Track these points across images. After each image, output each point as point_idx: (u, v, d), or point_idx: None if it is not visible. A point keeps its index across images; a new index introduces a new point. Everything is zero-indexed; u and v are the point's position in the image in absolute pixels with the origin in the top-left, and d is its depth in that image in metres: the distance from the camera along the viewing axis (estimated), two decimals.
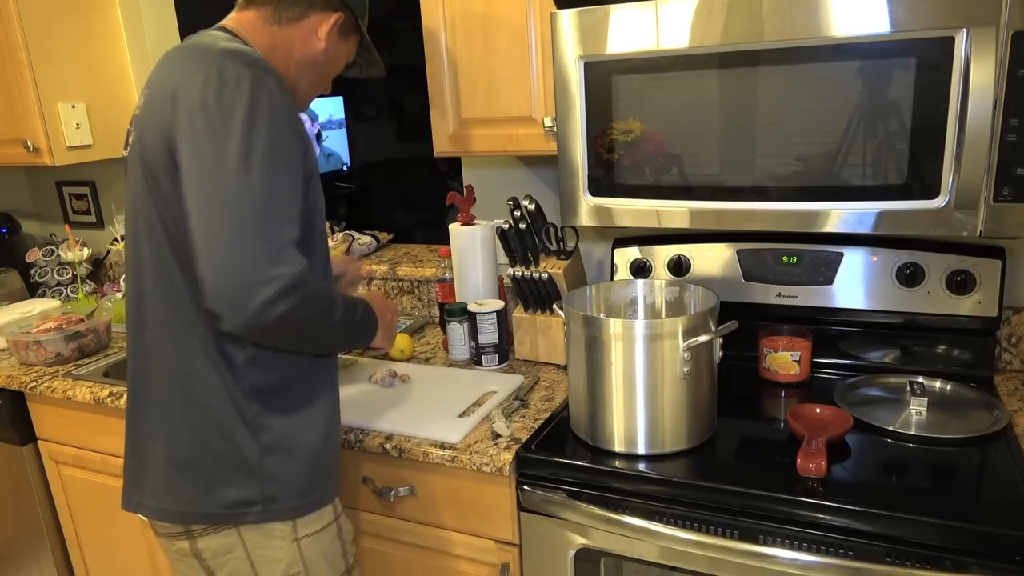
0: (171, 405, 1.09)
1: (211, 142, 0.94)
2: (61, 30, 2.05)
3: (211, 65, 0.97)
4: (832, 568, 1.07)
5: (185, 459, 1.08)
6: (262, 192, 0.94)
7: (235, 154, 0.93)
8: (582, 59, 1.32)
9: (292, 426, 1.10)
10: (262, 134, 0.94)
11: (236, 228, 0.93)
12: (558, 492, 1.27)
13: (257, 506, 1.08)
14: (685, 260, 1.64)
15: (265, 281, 0.92)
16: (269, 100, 0.97)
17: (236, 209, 0.93)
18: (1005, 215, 1.12)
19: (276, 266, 0.94)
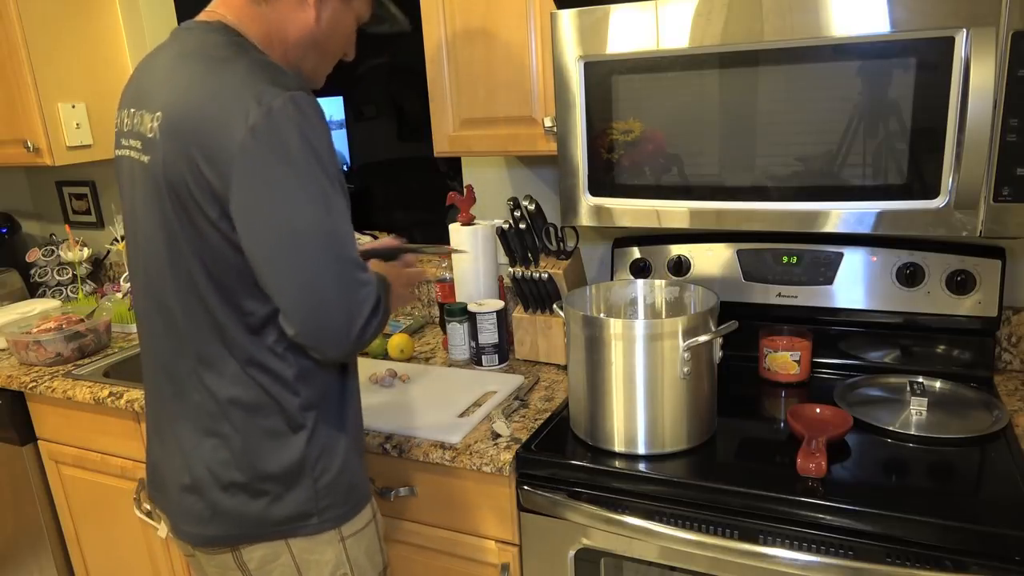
0: (217, 432, 1.05)
1: (273, 187, 0.91)
2: (61, 30, 2.05)
3: (244, 94, 0.91)
4: (832, 568, 1.07)
5: (233, 482, 1.05)
6: (333, 226, 0.94)
7: (301, 196, 0.92)
8: (582, 59, 1.32)
9: (335, 432, 1.09)
10: (316, 164, 0.93)
11: (322, 270, 0.94)
12: (558, 492, 1.27)
13: (313, 518, 1.06)
14: (685, 260, 1.64)
15: (359, 310, 0.96)
16: (314, 122, 0.94)
17: (316, 252, 0.93)
18: (1005, 215, 1.12)
19: (360, 289, 0.97)
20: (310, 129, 0.93)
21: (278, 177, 0.91)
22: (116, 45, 2.22)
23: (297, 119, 0.91)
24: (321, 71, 1.15)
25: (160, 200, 0.99)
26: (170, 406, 1.09)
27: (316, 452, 1.06)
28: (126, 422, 1.74)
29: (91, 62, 2.14)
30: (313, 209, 0.93)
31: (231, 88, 0.92)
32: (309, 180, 0.92)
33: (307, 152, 0.92)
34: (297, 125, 0.91)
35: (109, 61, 2.20)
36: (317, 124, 0.94)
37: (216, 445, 1.05)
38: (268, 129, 0.90)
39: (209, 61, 0.97)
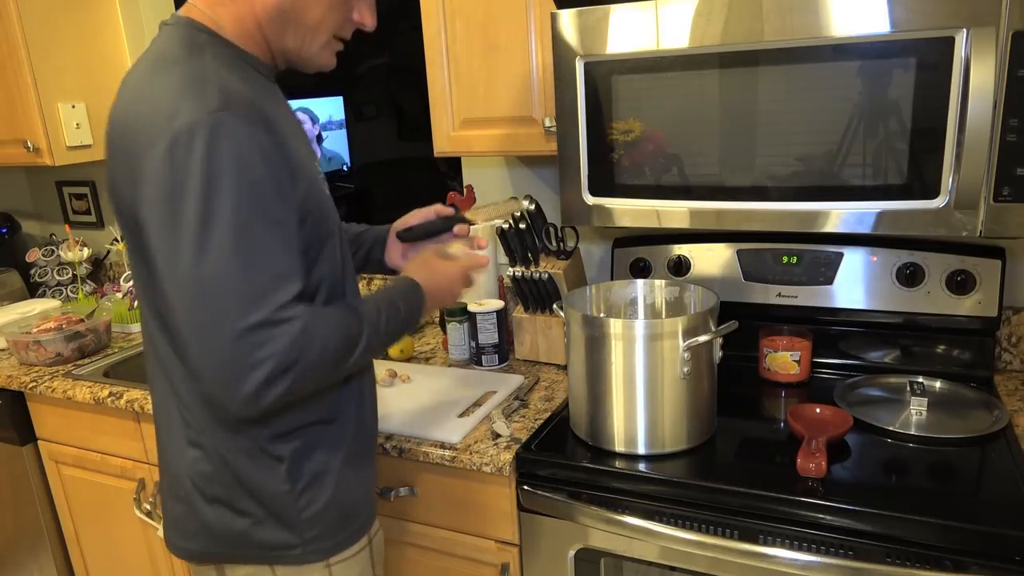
0: (199, 445, 1.02)
1: (171, 230, 0.85)
2: (61, 30, 2.05)
3: (164, 113, 0.85)
4: (832, 568, 1.07)
5: (215, 493, 1.02)
6: (231, 275, 0.84)
7: (194, 244, 0.83)
8: (582, 59, 1.32)
9: (325, 461, 1.04)
10: (225, 201, 0.84)
11: (211, 322, 0.85)
12: (558, 492, 1.27)
13: (296, 549, 1.03)
14: (685, 260, 1.64)
15: (252, 368, 0.85)
16: (230, 150, 0.84)
17: (206, 302, 0.85)
18: (1005, 215, 1.12)
19: (259, 349, 0.85)
20: (218, 159, 0.83)
21: (169, 212, 0.85)
22: (116, 45, 2.22)
23: (209, 145, 0.83)
24: (309, 48, 1.01)
25: (115, 206, 0.97)
26: (163, 413, 1.07)
27: (302, 482, 1.02)
28: (126, 422, 1.74)
29: (91, 62, 2.14)
30: (204, 262, 0.84)
31: (156, 104, 0.87)
32: (197, 220, 0.83)
33: (203, 188, 0.83)
34: (206, 152, 0.83)
35: (109, 61, 2.20)
36: (239, 149, 0.85)
37: (198, 457, 1.02)
38: (171, 159, 0.84)
39: (147, 75, 0.91)
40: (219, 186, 0.84)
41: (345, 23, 1.03)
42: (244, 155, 0.85)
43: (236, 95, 0.88)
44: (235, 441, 1.00)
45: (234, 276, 0.85)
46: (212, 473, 1.02)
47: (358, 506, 1.09)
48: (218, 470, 1.01)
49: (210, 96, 0.86)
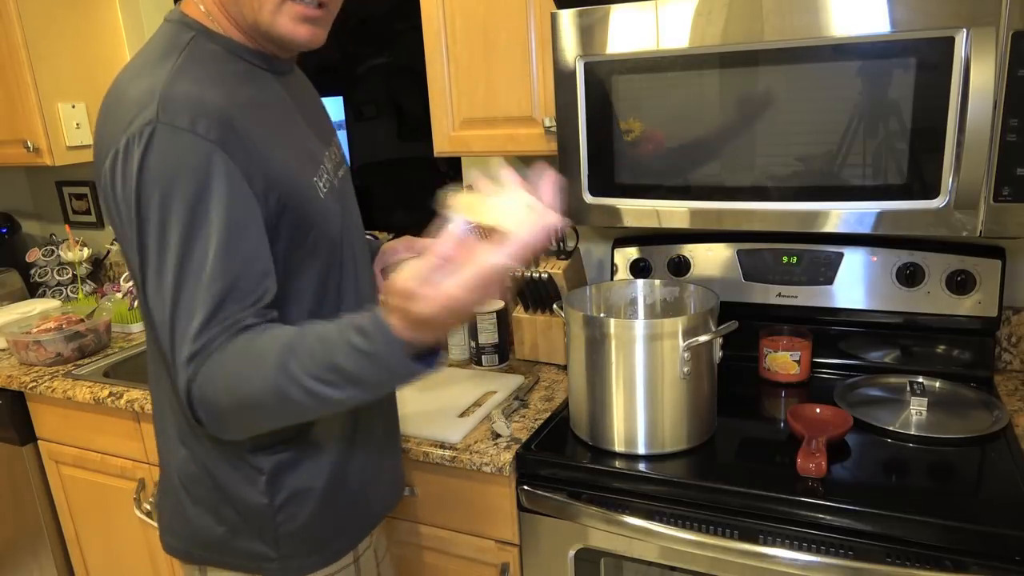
0: (190, 448, 1.00)
1: (122, 243, 0.85)
2: (61, 30, 2.05)
3: (117, 128, 0.83)
4: (832, 568, 1.07)
5: (199, 492, 1.01)
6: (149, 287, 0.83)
7: (137, 261, 0.83)
8: (582, 59, 1.32)
9: (307, 480, 1.00)
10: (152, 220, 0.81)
11: (158, 337, 0.84)
12: (558, 492, 1.27)
13: (274, 563, 1.01)
14: (685, 260, 1.64)
15: (182, 391, 0.82)
16: (158, 164, 0.80)
17: (151, 319, 0.84)
18: (1005, 215, 1.12)
19: (177, 372, 0.82)
20: (148, 173, 0.80)
21: (117, 227, 0.85)
22: (116, 45, 2.22)
23: (137, 162, 0.81)
24: (262, 17, 0.90)
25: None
26: (158, 410, 1.05)
27: (281, 497, 0.99)
28: (126, 422, 1.74)
29: (91, 62, 2.14)
30: (134, 266, 0.84)
31: (113, 116, 0.85)
32: (135, 231, 0.82)
33: (136, 206, 0.81)
34: (134, 170, 0.81)
35: (109, 61, 2.20)
36: (154, 169, 0.81)
37: (187, 457, 1.01)
38: (113, 172, 0.83)
39: (122, 80, 0.89)
40: (148, 207, 0.81)
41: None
42: (174, 169, 0.81)
43: (181, 103, 0.83)
44: (218, 447, 0.98)
45: (164, 302, 0.82)
46: (197, 475, 1.00)
47: (342, 526, 1.05)
48: (202, 474, 1.00)
49: (151, 109, 0.82)
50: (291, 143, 0.95)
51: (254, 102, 0.91)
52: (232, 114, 0.85)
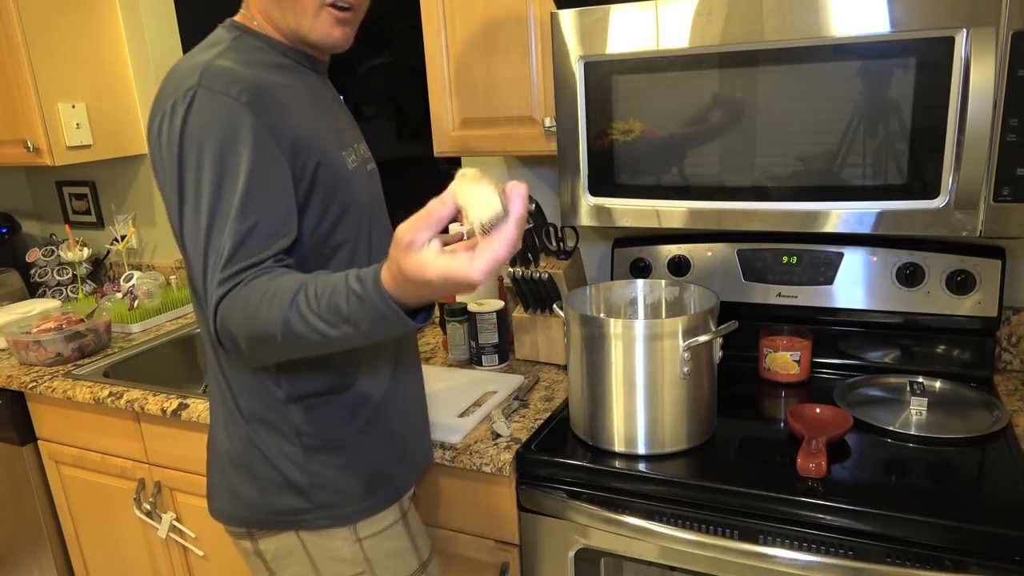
0: (225, 409, 1.09)
1: (164, 192, 0.96)
2: (61, 30, 2.05)
3: (165, 96, 0.96)
4: (832, 568, 1.07)
5: (241, 463, 1.08)
6: (185, 228, 0.93)
7: (175, 206, 0.94)
8: (582, 59, 1.32)
9: (339, 429, 1.07)
10: (191, 168, 0.91)
11: (190, 272, 0.96)
12: (558, 492, 1.27)
13: (309, 513, 1.07)
14: (685, 260, 1.64)
15: (211, 314, 0.91)
16: (198, 122, 0.91)
17: (185, 256, 0.95)
18: (1005, 215, 1.12)
19: (209, 293, 0.91)
20: (185, 129, 0.92)
21: (160, 179, 0.96)
22: (116, 45, 2.22)
23: (175, 119, 0.92)
24: (300, 21, 1.01)
25: None
26: (212, 386, 1.12)
27: (313, 447, 1.06)
28: (126, 422, 1.74)
29: (91, 62, 2.14)
30: (174, 209, 0.94)
31: (162, 91, 0.97)
32: (176, 178, 0.93)
33: (177, 155, 0.92)
34: (176, 129, 0.92)
35: (109, 61, 2.20)
36: (194, 122, 0.91)
37: (230, 425, 1.08)
38: (160, 131, 0.94)
39: (179, 61, 1.00)
40: (188, 154, 0.91)
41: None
42: (212, 125, 0.91)
43: (218, 73, 0.94)
44: (255, 405, 1.05)
45: (198, 236, 0.91)
46: (238, 439, 1.08)
47: (377, 477, 1.10)
48: (242, 436, 1.07)
49: (192, 77, 0.93)
50: (320, 121, 1.04)
51: (288, 83, 1.02)
52: (263, 86, 0.96)
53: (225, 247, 0.90)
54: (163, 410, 1.63)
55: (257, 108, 0.93)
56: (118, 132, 2.24)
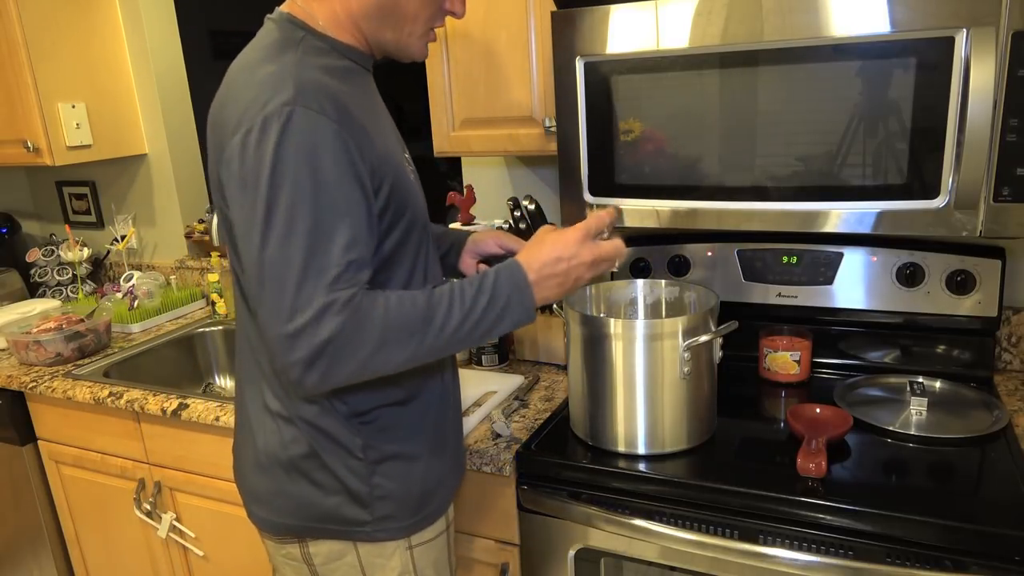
0: (279, 416, 1.05)
1: (244, 212, 0.90)
2: (61, 30, 2.05)
3: (249, 105, 0.91)
4: (832, 568, 1.07)
5: (296, 469, 1.05)
6: (288, 260, 0.88)
7: (261, 227, 0.88)
8: (582, 59, 1.32)
9: (402, 443, 1.06)
10: (288, 189, 0.88)
11: (270, 302, 0.89)
12: (558, 492, 1.27)
13: (368, 525, 1.05)
14: (685, 260, 1.64)
15: (296, 349, 0.87)
16: (297, 141, 0.88)
17: (266, 283, 0.89)
18: (1005, 215, 1.12)
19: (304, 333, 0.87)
20: (285, 149, 0.88)
21: (243, 196, 0.90)
22: (116, 45, 2.22)
23: (274, 139, 0.88)
24: (407, 40, 1.04)
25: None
26: (248, 386, 1.10)
27: (376, 461, 1.04)
28: (126, 422, 1.74)
29: (91, 62, 2.14)
30: (255, 228, 0.89)
31: (242, 97, 0.93)
32: (263, 205, 0.88)
33: (269, 176, 0.88)
34: (271, 147, 0.88)
35: (109, 61, 2.20)
36: (295, 143, 0.88)
37: (282, 430, 1.05)
38: (246, 145, 0.89)
39: (244, 67, 0.97)
40: (284, 174, 0.88)
41: (438, 12, 1.05)
42: (310, 146, 0.89)
43: (312, 89, 0.91)
44: (316, 416, 1.03)
45: (290, 261, 0.87)
46: (293, 446, 1.04)
47: (433, 489, 1.10)
48: (299, 443, 1.04)
49: (285, 91, 0.90)
50: (385, 130, 1.03)
51: (357, 93, 1.00)
52: (346, 101, 0.94)
53: (329, 272, 0.87)
54: (163, 410, 1.63)
55: (345, 126, 0.92)
56: (118, 132, 2.24)
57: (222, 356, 2.15)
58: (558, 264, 0.98)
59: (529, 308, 0.98)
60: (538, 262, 0.97)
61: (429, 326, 0.92)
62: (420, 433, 1.08)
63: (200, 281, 2.39)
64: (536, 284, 0.97)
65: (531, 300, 0.97)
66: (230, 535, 1.70)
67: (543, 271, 0.97)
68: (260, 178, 0.88)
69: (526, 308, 0.98)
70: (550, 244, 0.99)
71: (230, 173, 0.92)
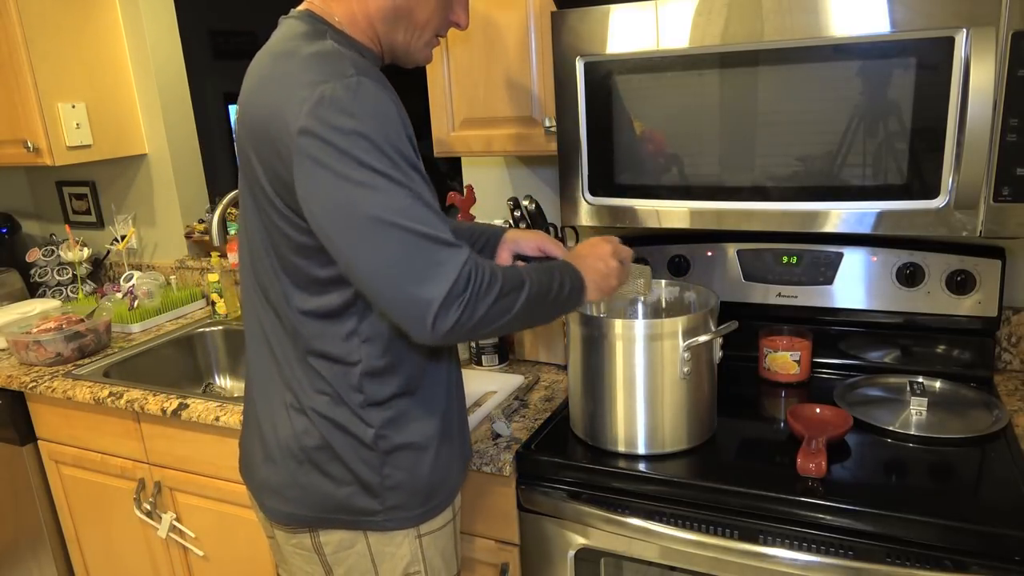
0: (293, 406, 1.07)
1: (331, 171, 0.90)
2: (61, 30, 2.05)
3: (305, 82, 0.92)
4: (832, 568, 1.07)
5: (309, 460, 1.07)
6: (396, 206, 0.90)
7: (362, 178, 0.90)
8: (582, 59, 1.32)
9: (414, 431, 1.08)
10: (368, 149, 0.90)
11: (382, 254, 0.90)
12: (558, 492, 1.27)
13: (379, 515, 1.07)
14: (685, 260, 1.64)
15: (429, 292, 0.90)
16: (367, 107, 0.91)
17: (376, 234, 0.90)
18: (1005, 215, 1.12)
19: (432, 269, 0.90)
20: (361, 115, 0.90)
21: (330, 164, 0.90)
22: (116, 45, 2.22)
23: (347, 105, 0.90)
24: (416, 45, 1.09)
25: (244, 182, 1.04)
26: (262, 380, 1.11)
27: (388, 451, 1.06)
28: (126, 422, 1.74)
29: (91, 62, 2.14)
30: (363, 192, 0.90)
31: (289, 80, 0.94)
32: (359, 166, 0.90)
33: (356, 139, 0.90)
34: (346, 112, 0.90)
35: (109, 61, 2.20)
36: (369, 109, 0.91)
37: (296, 422, 1.07)
38: (319, 119, 0.90)
39: (277, 56, 0.98)
40: (371, 138, 0.90)
41: (445, 22, 1.10)
42: (384, 113, 0.92)
43: (364, 66, 0.95)
44: (331, 407, 1.05)
45: (403, 207, 0.90)
46: (307, 438, 1.06)
47: (442, 479, 1.11)
48: (312, 435, 1.06)
49: (346, 65, 0.93)
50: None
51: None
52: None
53: (444, 229, 0.92)
54: (163, 410, 1.63)
55: (400, 107, 0.96)
56: (118, 132, 2.24)
57: (222, 356, 2.15)
58: (600, 276, 1.15)
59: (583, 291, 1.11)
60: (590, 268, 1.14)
61: (521, 287, 0.98)
62: (430, 423, 1.10)
63: (200, 281, 2.39)
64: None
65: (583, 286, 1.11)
66: (230, 535, 1.70)
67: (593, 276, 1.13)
68: (346, 146, 0.89)
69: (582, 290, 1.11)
70: (603, 261, 1.15)
71: (308, 152, 0.91)
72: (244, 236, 1.09)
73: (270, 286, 1.06)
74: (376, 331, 1.03)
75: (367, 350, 1.03)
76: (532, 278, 1.01)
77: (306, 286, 1.01)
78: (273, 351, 1.09)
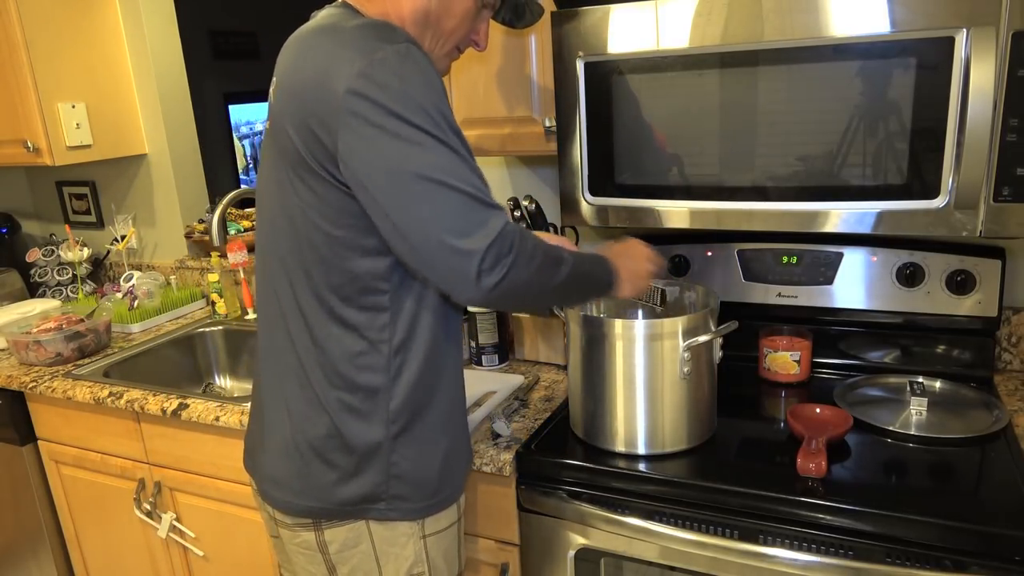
0: (309, 395, 1.08)
1: (379, 129, 0.91)
2: (61, 30, 2.05)
3: (354, 48, 0.93)
4: (832, 568, 1.08)
5: (320, 449, 1.07)
6: (444, 165, 0.91)
7: (411, 136, 0.91)
8: (582, 59, 1.32)
9: (423, 423, 1.09)
10: (416, 111, 0.91)
11: (428, 210, 0.91)
12: (558, 492, 1.27)
13: (381, 503, 1.08)
14: (685, 260, 1.64)
15: (471, 251, 0.91)
16: (415, 73, 0.93)
17: (423, 190, 0.91)
18: (1005, 215, 1.12)
19: (478, 228, 0.92)
20: (410, 78, 0.92)
21: (379, 123, 0.91)
22: (116, 45, 2.22)
23: (396, 68, 0.91)
24: (438, 53, 1.11)
25: (274, 158, 1.04)
26: (275, 371, 1.11)
27: (397, 439, 1.07)
28: (126, 422, 1.74)
29: (91, 62, 2.14)
30: (411, 149, 0.91)
31: (337, 46, 0.95)
32: (408, 125, 0.91)
33: (406, 100, 0.91)
34: (396, 74, 0.91)
35: (109, 61, 2.20)
36: (418, 74, 0.92)
37: (308, 414, 1.07)
38: (369, 79, 0.91)
39: (321, 30, 0.99)
40: (419, 100, 0.91)
41: (466, 38, 1.13)
42: (433, 80, 0.94)
43: (407, 35, 0.97)
44: (343, 396, 1.05)
45: (450, 166, 0.92)
46: (322, 426, 1.07)
47: (447, 473, 1.12)
48: (323, 425, 1.06)
49: (397, 33, 0.96)
50: None
51: None
52: None
53: (487, 191, 0.94)
54: (163, 410, 1.63)
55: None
56: (118, 132, 2.24)
57: (222, 356, 2.15)
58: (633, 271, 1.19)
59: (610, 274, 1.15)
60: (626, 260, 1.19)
61: (563, 260, 1.02)
62: (438, 416, 1.10)
63: (200, 281, 2.39)
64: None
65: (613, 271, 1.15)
66: (230, 535, 1.70)
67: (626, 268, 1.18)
68: (396, 107, 0.90)
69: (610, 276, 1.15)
70: (633, 259, 1.21)
71: (353, 108, 0.91)
72: (266, 221, 1.09)
73: (293, 269, 1.06)
74: (394, 323, 1.04)
75: (383, 341, 1.04)
76: (573, 257, 1.04)
77: (331, 270, 1.02)
78: (291, 337, 1.08)
